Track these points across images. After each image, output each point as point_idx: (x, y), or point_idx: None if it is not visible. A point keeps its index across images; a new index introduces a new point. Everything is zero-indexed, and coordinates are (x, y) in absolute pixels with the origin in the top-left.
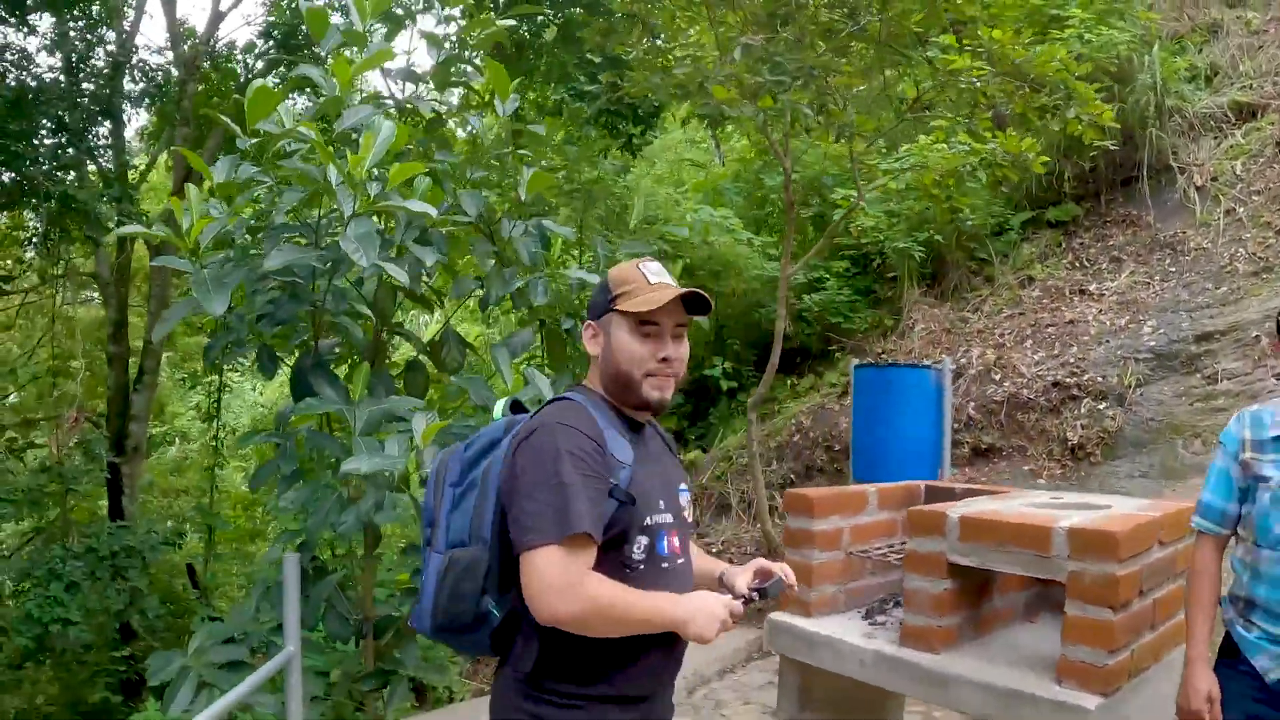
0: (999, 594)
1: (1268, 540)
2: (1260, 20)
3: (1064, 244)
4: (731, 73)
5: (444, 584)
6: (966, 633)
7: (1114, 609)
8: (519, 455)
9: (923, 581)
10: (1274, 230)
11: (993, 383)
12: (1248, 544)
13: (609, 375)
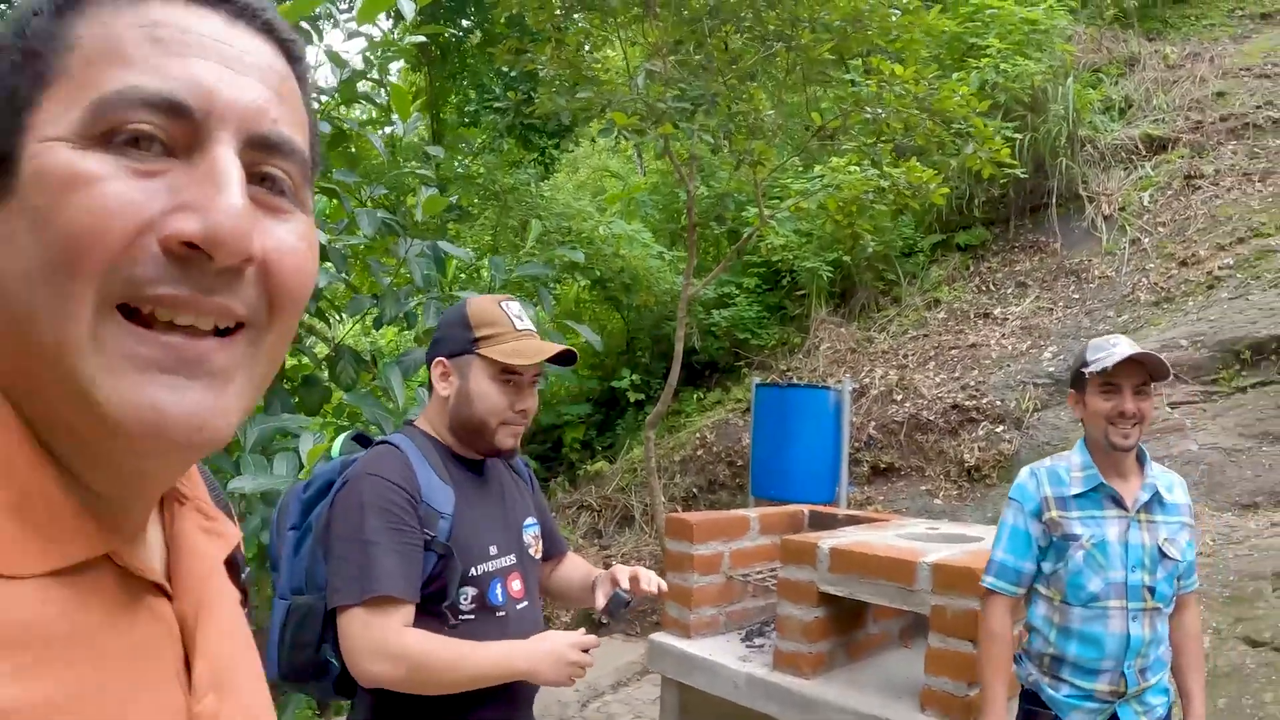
0: (873, 620)
1: (1080, 598)
2: (1177, 55)
3: (971, 268)
4: (635, 96)
5: (285, 632)
6: (839, 658)
7: (975, 643)
8: (333, 508)
9: (794, 609)
10: (1177, 261)
11: (894, 403)
12: (1054, 602)
13: (460, 420)
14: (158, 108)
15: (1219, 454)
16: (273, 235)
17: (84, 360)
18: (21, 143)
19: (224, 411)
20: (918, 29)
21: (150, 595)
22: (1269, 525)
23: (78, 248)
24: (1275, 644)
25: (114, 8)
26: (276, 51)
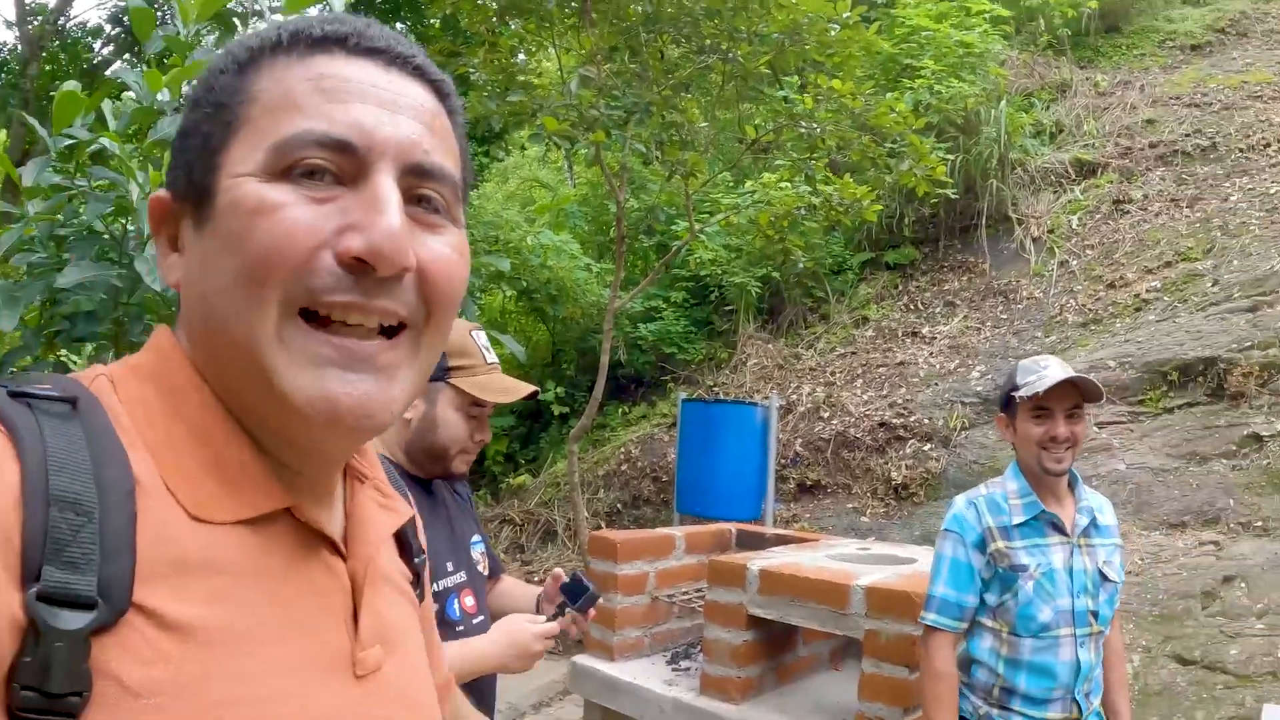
0: (803, 643)
1: (1031, 629)
2: (1108, 83)
3: (900, 286)
4: (568, 103)
5: None
6: (768, 682)
7: (910, 669)
8: None
9: (722, 632)
10: (1105, 284)
11: (821, 420)
12: (1001, 634)
13: (422, 445)
14: (327, 146)
15: (1147, 474)
16: (428, 247)
17: (271, 356)
18: (216, 179)
19: (388, 401)
20: (855, 45)
21: (326, 551)
22: (1196, 544)
23: (267, 262)
24: (1205, 662)
25: (286, 64)
26: (427, 91)
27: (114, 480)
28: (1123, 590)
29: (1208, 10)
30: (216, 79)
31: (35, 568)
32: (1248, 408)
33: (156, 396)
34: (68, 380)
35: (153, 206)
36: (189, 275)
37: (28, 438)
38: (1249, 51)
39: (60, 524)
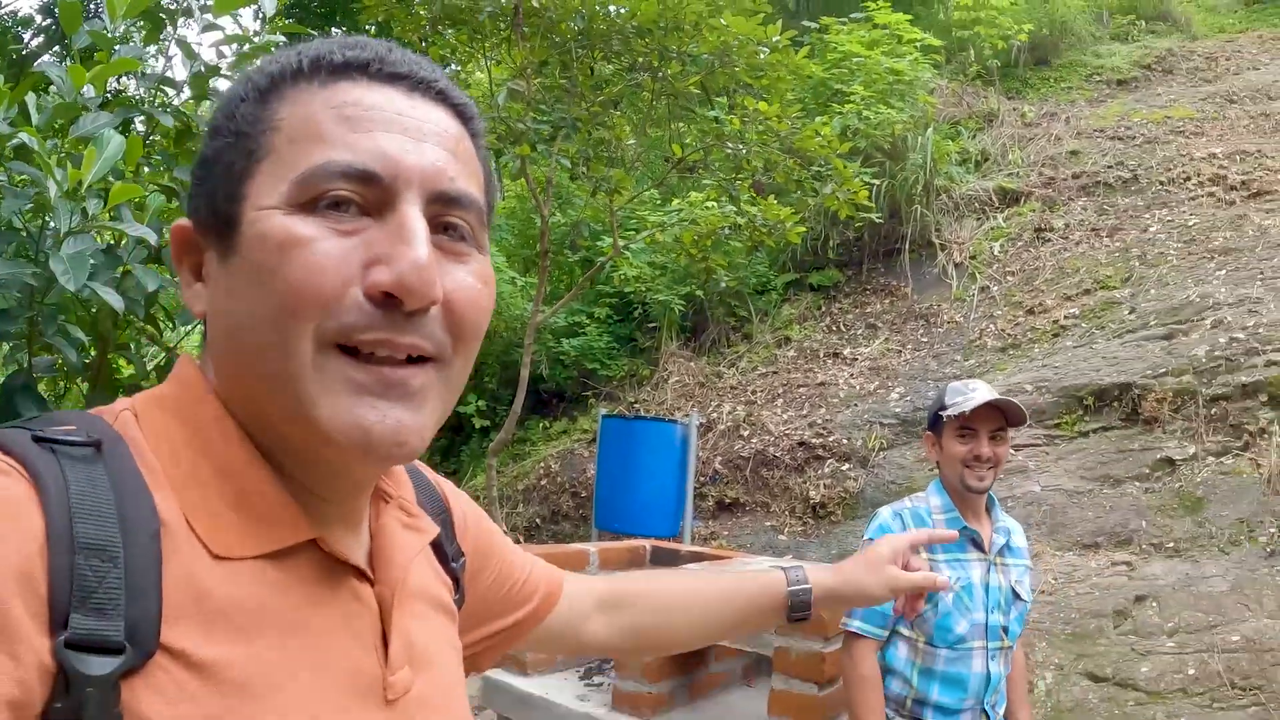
0: (715, 659)
1: (947, 640)
2: (1035, 114)
3: (823, 308)
4: (495, 115)
5: None
6: (680, 698)
7: (819, 684)
8: None
9: None
10: (1024, 310)
11: (741, 439)
12: (917, 644)
13: None
14: (352, 177)
15: (1061, 496)
16: (453, 277)
17: (308, 384)
18: (241, 210)
19: (419, 429)
20: (784, 68)
21: (353, 578)
22: (1109, 565)
23: (299, 298)
24: (1116, 679)
25: (308, 91)
26: (451, 115)
27: (139, 522)
28: (1037, 609)
29: (1135, 47)
30: (237, 107)
31: (63, 615)
32: (1161, 432)
33: (180, 430)
34: (92, 419)
35: (175, 235)
36: (216, 306)
37: (52, 484)
38: (1173, 88)
39: (86, 570)
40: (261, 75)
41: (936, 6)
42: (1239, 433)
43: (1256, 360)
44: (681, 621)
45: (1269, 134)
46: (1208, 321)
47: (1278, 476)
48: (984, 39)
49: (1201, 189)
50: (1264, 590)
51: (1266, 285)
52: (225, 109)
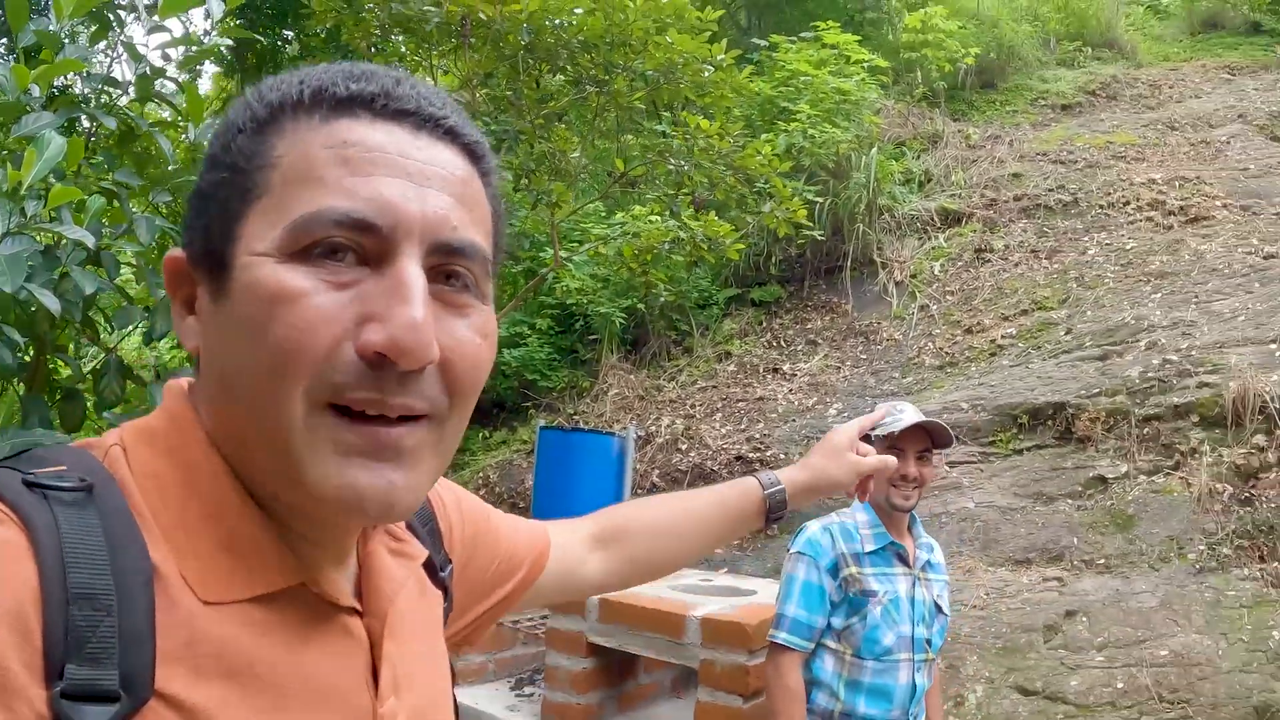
0: (645, 671)
1: (874, 652)
2: (979, 136)
3: (764, 323)
4: None
5: None
6: (609, 710)
7: (744, 697)
8: None
9: (563, 659)
10: (963, 329)
11: (679, 452)
12: (844, 656)
13: None
14: (348, 226)
15: (995, 512)
16: (452, 333)
17: (297, 442)
18: (234, 251)
19: (411, 488)
20: (728, 86)
21: (344, 615)
22: (1040, 580)
23: (289, 357)
24: (1046, 693)
25: (308, 127)
26: (459, 154)
27: (131, 570)
28: (969, 623)
29: (1081, 73)
30: (234, 138)
31: (58, 665)
32: (1094, 451)
33: (170, 469)
34: (82, 456)
35: (168, 266)
36: (208, 345)
37: (44, 532)
38: (1116, 114)
39: (80, 620)
40: (261, 104)
41: (885, 28)
42: (1170, 452)
43: (1189, 382)
44: (674, 543)
45: (1208, 161)
46: (1142, 343)
47: (1208, 496)
48: (931, 61)
49: (1140, 213)
50: (1192, 606)
51: (1201, 309)
52: (222, 139)
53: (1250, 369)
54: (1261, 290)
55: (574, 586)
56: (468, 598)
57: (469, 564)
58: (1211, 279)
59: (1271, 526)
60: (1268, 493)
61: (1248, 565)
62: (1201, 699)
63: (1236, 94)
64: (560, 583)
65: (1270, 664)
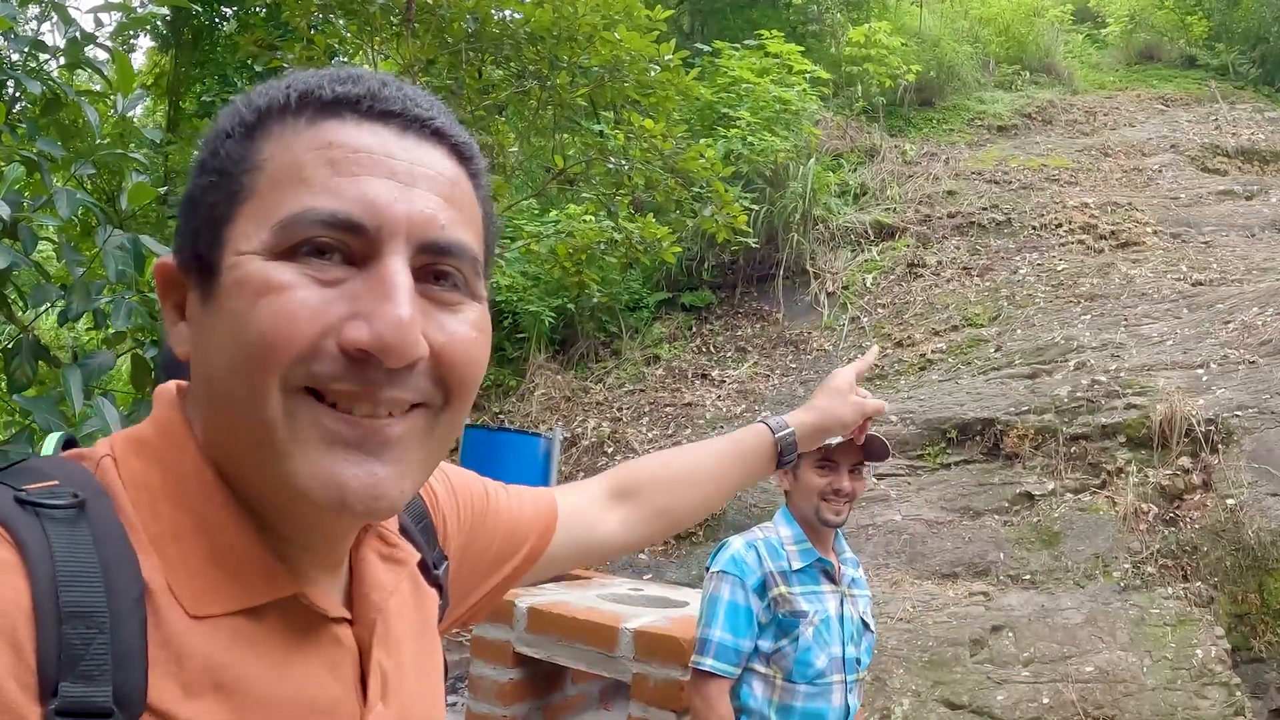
0: (572, 683)
1: (807, 675)
2: (915, 152)
3: (694, 328)
4: None
5: None
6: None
7: (678, 714)
8: None
9: (488, 669)
10: (893, 341)
11: (605, 455)
12: (774, 682)
13: None
14: (335, 225)
15: (922, 525)
16: (444, 329)
17: (278, 433)
18: (221, 254)
19: (397, 481)
20: (673, 88)
21: (332, 624)
22: (967, 594)
23: (269, 345)
24: (972, 707)
25: (295, 130)
26: (447, 155)
27: (123, 587)
28: (895, 636)
29: (1018, 96)
30: (222, 144)
31: (52, 683)
32: (1021, 468)
33: (160, 480)
34: (74, 469)
35: (158, 272)
36: (196, 350)
37: (36, 551)
38: (1051, 138)
39: (73, 638)
40: (249, 109)
41: (829, 41)
42: (1097, 471)
43: (1116, 403)
44: (693, 491)
45: (1140, 188)
46: (1071, 363)
47: (1133, 515)
48: (873, 76)
49: (1072, 236)
50: (1116, 623)
51: (1129, 332)
52: (211, 144)
53: (1177, 392)
54: (1189, 316)
55: (594, 549)
56: (469, 580)
57: (468, 546)
58: (1140, 303)
59: (1195, 547)
60: (1192, 514)
61: (1171, 584)
62: (1127, 715)
63: (1170, 125)
64: (576, 548)
65: (1194, 682)
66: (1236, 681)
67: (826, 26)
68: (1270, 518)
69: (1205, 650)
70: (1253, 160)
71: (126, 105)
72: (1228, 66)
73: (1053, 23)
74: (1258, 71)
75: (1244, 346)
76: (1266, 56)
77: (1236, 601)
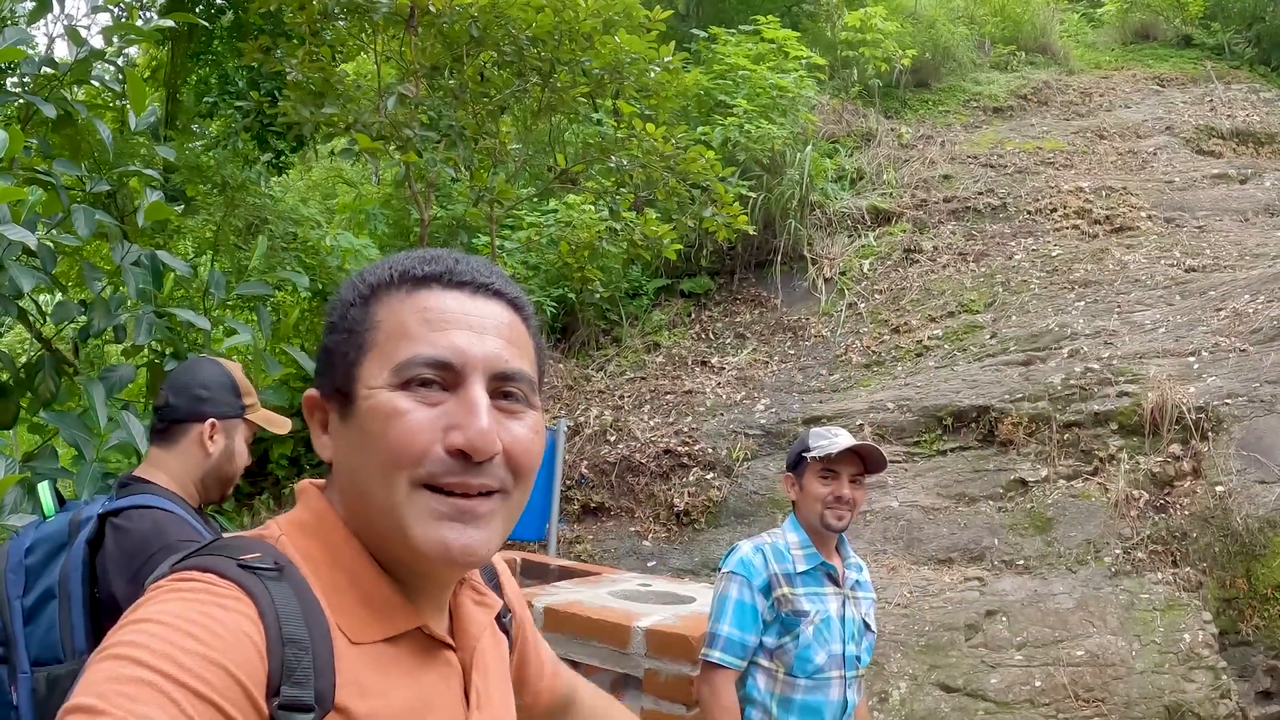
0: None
1: (806, 671)
2: (911, 136)
3: (694, 315)
4: (383, 119)
5: (49, 705)
6: None
7: (687, 706)
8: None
9: None
10: (890, 328)
11: (608, 444)
12: (776, 675)
13: (219, 475)
14: (434, 365)
15: (918, 512)
16: (511, 432)
17: (404, 511)
18: (356, 389)
19: (486, 542)
20: (672, 88)
21: (444, 650)
22: (962, 580)
23: (398, 453)
24: (967, 690)
25: (398, 299)
26: (505, 307)
27: (316, 623)
28: (893, 621)
29: (1014, 77)
30: (348, 310)
31: (276, 686)
32: (1015, 455)
33: (320, 550)
34: (263, 544)
35: (306, 402)
36: (339, 454)
37: (262, 600)
38: (1047, 120)
39: (290, 658)
40: (364, 284)
41: (824, 25)
42: (1089, 458)
43: (1109, 390)
44: None
45: (1135, 171)
46: (1065, 350)
47: (1124, 501)
48: (868, 59)
49: (1067, 221)
50: (1108, 608)
51: (1123, 319)
52: (339, 310)
53: (1169, 380)
54: (1182, 303)
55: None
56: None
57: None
58: (1134, 289)
59: (1185, 533)
60: (1182, 500)
61: (1161, 570)
62: (1116, 698)
63: (1165, 106)
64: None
65: (1181, 665)
66: (1223, 665)
67: (822, 7)
68: (1258, 505)
69: (1193, 634)
70: (1247, 142)
71: (141, 121)
72: (1223, 46)
73: (1048, 2)
74: (1253, 51)
75: (1235, 334)
76: (1262, 36)
77: (1225, 586)
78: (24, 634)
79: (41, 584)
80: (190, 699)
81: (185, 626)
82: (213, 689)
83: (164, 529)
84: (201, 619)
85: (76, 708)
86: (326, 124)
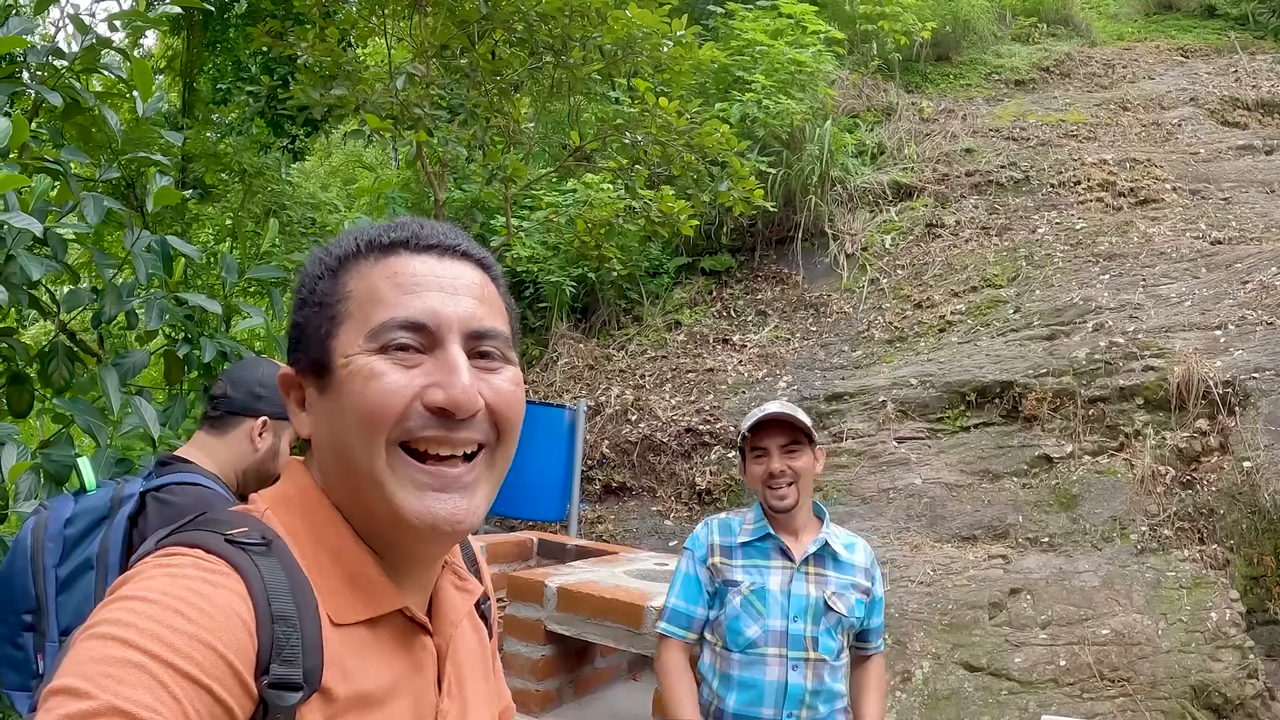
0: (601, 656)
1: (738, 644)
2: (932, 110)
3: (714, 292)
4: (393, 99)
5: None
6: (566, 695)
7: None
8: None
9: (521, 646)
10: (912, 303)
11: (629, 423)
12: (716, 649)
13: (260, 470)
14: (409, 328)
15: (941, 489)
16: (492, 386)
17: (387, 480)
18: (332, 358)
19: (472, 510)
20: (687, 63)
21: (421, 634)
22: (986, 557)
23: (377, 412)
24: (991, 669)
25: (367, 267)
26: (474, 268)
27: (305, 599)
28: (915, 599)
29: (1036, 49)
30: (316, 284)
31: (265, 664)
32: (1040, 430)
33: (304, 526)
34: (251, 519)
35: (282, 379)
36: (319, 428)
37: (250, 575)
38: (1069, 92)
39: (280, 635)
40: (330, 257)
41: None
42: (1115, 434)
43: (1134, 365)
44: None
45: (1159, 143)
46: (1089, 325)
47: (1150, 477)
48: (887, 33)
49: (1090, 194)
50: (1133, 586)
51: (1148, 292)
52: (308, 285)
53: (1195, 354)
54: (1208, 276)
55: None
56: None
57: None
58: (1159, 262)
59: (1211, 510)
60: (1208, 476)
61: (1187, 547)
62: (1141, 677)
63: (1189, 76)
64: None
65: (1207, 644)
66: (1250, 644)
67: None
68: None
69: (1220, 613)
70: (1273, 113)
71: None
72: (1248, 16)
73: None
74: (1278, 21)
75: (1262, 307)
76: None
77: (1252, 564)
78: (56, 602)
79: (79, 554)
80: (178, 680)
81: (173, 604)
82: (201, 669)
83: (210, 503)
84: (190, 596)
85: (60, 689)
86: (336, 105)
